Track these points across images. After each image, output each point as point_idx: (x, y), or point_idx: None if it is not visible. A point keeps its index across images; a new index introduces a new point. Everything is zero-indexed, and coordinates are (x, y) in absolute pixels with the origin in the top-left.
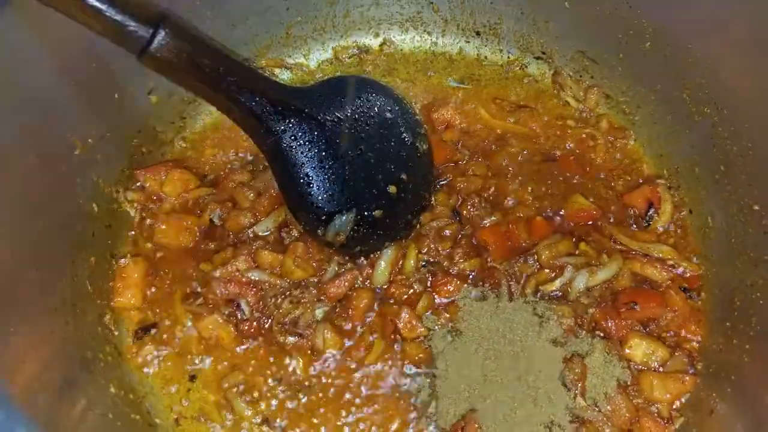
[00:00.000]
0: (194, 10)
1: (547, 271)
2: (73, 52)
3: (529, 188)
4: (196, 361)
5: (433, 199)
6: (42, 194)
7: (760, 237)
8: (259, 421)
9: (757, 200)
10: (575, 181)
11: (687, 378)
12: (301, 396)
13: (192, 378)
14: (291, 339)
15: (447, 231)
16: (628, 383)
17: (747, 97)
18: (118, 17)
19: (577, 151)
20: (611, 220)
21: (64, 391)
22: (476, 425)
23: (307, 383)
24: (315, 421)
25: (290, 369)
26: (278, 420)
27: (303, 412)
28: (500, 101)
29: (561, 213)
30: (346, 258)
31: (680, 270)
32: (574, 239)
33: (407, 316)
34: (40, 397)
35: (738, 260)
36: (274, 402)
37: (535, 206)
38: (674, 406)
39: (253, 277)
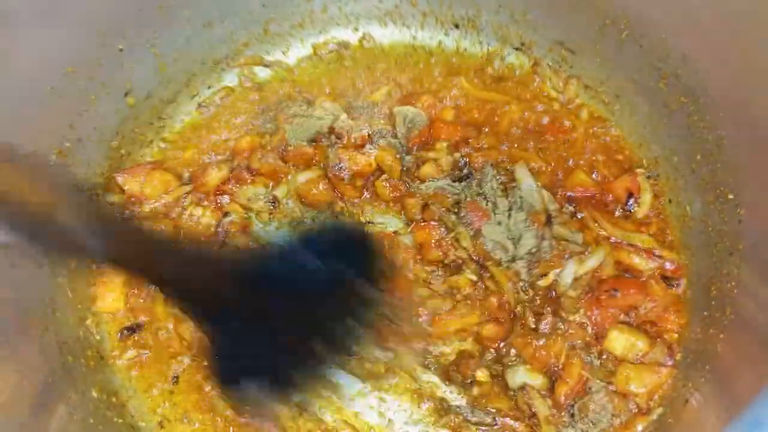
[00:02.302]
0: (170, 10)
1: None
2: (49, 56)
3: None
4: (181, 363)
5: None
6: None
7: (735, 226)
8: (243, 421)
9: (732, 189)
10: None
11: (664, 369)
12: None
13: (175, 380)
14: None
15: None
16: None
17: (720, 87)
18: None
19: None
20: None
21: (45, 397)
22: None
23: None
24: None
25: None
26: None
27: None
28: (481, 72)
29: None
30: None
31: (661, 259)
32: None
33: None
34: (20, 405)
35: (714, 249)
36: None
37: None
38: (653, 398)
39: None
